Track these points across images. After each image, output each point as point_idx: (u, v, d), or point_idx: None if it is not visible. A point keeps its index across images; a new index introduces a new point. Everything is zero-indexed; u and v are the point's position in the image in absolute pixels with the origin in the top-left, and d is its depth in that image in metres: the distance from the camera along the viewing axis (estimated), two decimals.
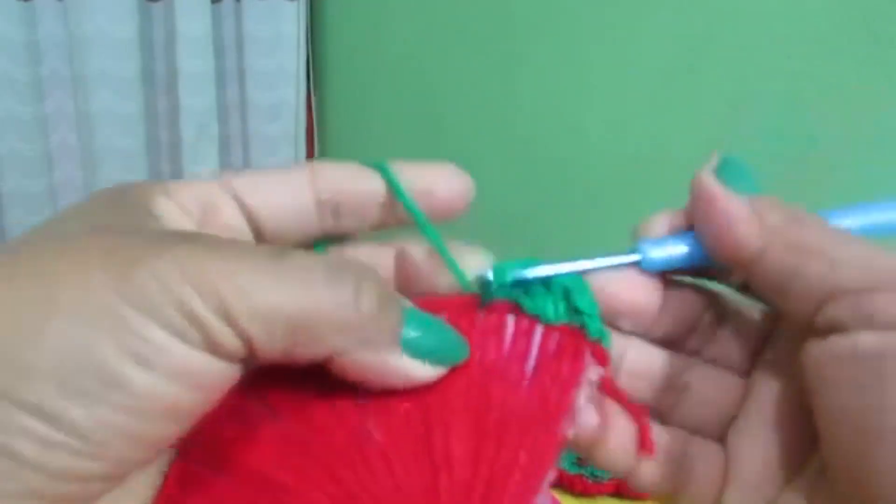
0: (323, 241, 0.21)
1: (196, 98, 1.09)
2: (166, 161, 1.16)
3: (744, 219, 0.19)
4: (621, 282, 0.21)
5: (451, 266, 0.20)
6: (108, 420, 0.14)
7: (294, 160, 1.22)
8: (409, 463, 0.18)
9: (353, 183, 0.19)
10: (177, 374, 0.15)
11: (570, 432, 0.19)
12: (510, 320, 0.20)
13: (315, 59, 1.22)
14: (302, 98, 1.20)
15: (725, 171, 0.20)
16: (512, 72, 0.91)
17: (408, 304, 0.18)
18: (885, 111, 0.57)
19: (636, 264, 0.21)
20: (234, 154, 1.22)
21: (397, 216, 0.20)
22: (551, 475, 0.18)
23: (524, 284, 0.21)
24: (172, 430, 0.15)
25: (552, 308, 0.20)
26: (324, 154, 1.28)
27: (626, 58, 0.77)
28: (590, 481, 0.57)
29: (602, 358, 0.20)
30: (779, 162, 0.64)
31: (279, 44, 1.15)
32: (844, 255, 0.17)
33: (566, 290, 0.20)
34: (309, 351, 0.16)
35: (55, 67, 1.04)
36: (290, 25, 1.14)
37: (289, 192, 0.19)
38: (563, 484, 0.58)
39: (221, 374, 0.15)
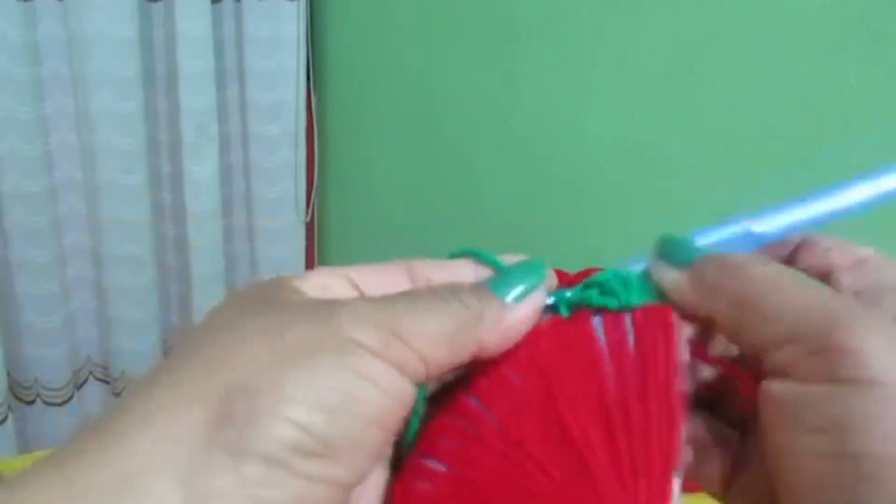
0: None
1: (196, 98, 1.09)
2: (166, 161, 1.16)
3: (680, 290, 0.22)
4: None
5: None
6: (347, 427, 0.18)
7: (294, 160, 1.23)
8: (557, 454, 0.20)
9: (444, 271, 0.23)
10: (387, 390, 0.19)
11: (686, 390, 0.20)
12: (597, 319, 0.22)
13: (315, 59, 1.22)
14: (302, 98, 1.20)
15: (666, 251, 0.23)
16: (512, 72, 0.91)
17: (486, 277, 0.23)
18: (885, 111, 0.57)
19: None
20: (235, 154, 1.22)
21: None
22: (684, 450, 0.20)
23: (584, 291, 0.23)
24: (383, 438, 0.20)
25: (635, 293, 0.22)
26: (323, 154, 1.28)
27: (627, 58, 0.77)
28: None
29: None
30: (779, 162, 0.64)
31: (279, 44, 1.15)
32: (775, 307, 0.20)
33: (624, 281, 0.23)
34: (467, 351, 0.21)
35: (55, 67, 1.04)
36: (290, 25, 1.14)
37: (391, 279, 0.23)
38: None
39: (409, 391, 0.20)
